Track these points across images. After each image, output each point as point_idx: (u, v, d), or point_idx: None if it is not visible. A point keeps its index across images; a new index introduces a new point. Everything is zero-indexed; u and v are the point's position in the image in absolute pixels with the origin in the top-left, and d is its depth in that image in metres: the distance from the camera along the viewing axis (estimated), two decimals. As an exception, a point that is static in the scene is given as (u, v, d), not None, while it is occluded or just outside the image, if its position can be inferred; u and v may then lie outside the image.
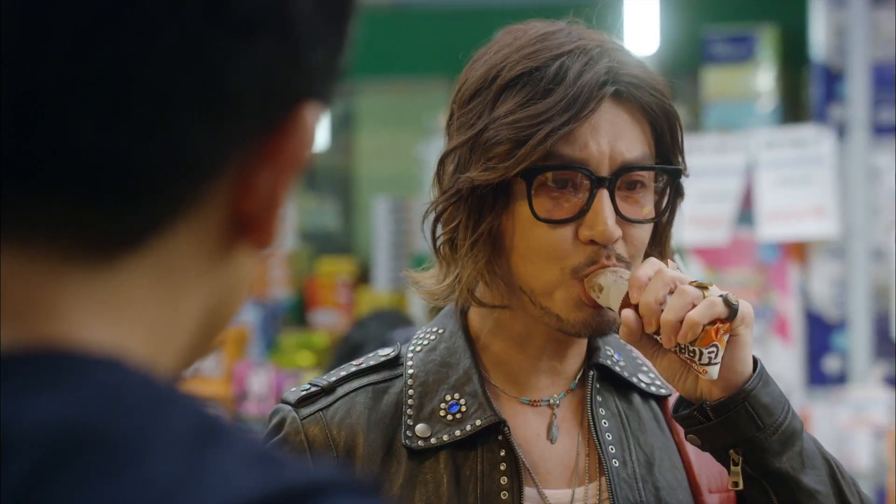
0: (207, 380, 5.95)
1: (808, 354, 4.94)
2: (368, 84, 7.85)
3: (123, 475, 0.64)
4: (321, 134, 0.76)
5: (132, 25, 0.68)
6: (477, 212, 1.53)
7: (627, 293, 1.48)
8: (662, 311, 1.47)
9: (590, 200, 1.51)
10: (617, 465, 1.57)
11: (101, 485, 0.63)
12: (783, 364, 4.91)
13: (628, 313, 1.48)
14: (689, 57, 6.09)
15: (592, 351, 1.63)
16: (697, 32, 5.82)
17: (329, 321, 6.84)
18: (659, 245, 1.61)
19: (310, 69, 0.73)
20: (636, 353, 1.65)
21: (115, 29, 0.68)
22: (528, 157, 1.49)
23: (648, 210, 1.56)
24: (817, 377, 4.92)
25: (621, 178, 1.53)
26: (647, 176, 1.56)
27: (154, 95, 0.68)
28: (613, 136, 1.52)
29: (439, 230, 1.58)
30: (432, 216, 1.59)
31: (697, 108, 5.91)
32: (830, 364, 4.93)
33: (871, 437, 4.71)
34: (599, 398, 1.60)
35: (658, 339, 1.49)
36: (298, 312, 7.01)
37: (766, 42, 5.58)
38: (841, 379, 4.88)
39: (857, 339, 4.85)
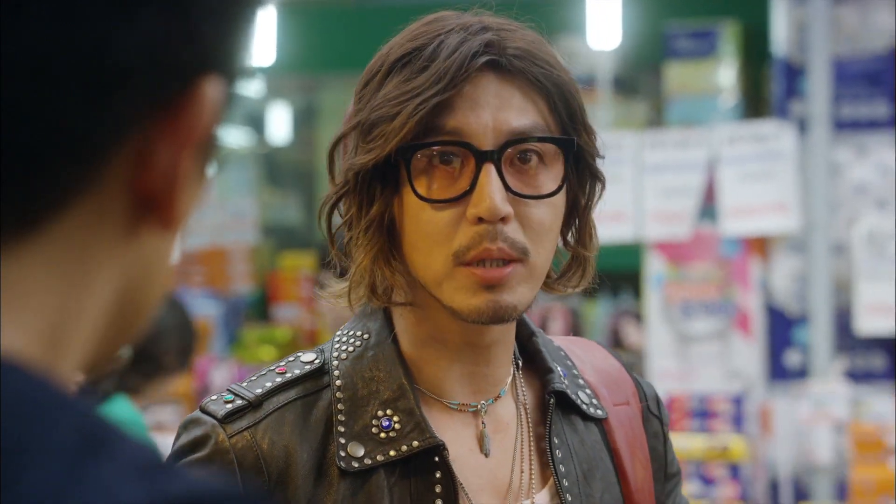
0: (169, 375, 5.93)
1: (769, 349, 4.96)
2: (331, 79, 7.84)
3: None
4: (232, 111, 0.73)
5: None
6: (367, 200, 1.48)
7: None
8: None
9: (475, 177, 1.44)
10: (570, 499, 1.52)
11: None
12: (744, 358, 4.93)
13: None
14: (651, 52, 6.10)
15: (546, 372, 1.57)
16: (659, 27, 5.83)
17: (292, 316, 6.83)
18: (578, 233, 1.54)
19: (206, 42, 0.69)
20: (571, 361, 1.61)
21: None
22: (398, 133, 1.44)
23: (547, 187, 1.47)
24: (778, 371, 4.94)
25: (511, 151, 1.45)
26: (544, 150, 1.48)
27: (27, 72, 0.64)
28: (497, 108, 1.45)
29: (336, 227, 1.52)
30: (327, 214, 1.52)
31: (660, 103, 5.93)
32: (791, 358, 4.95)
33: (831, 431, 4.73)
34: (553, 426, 1.55)
35: None
36: (261, 307, 7.00)
37: (728, 37, 5.60)
38: (802, 373, 4.90)
39: (818, 334, 4.88)
